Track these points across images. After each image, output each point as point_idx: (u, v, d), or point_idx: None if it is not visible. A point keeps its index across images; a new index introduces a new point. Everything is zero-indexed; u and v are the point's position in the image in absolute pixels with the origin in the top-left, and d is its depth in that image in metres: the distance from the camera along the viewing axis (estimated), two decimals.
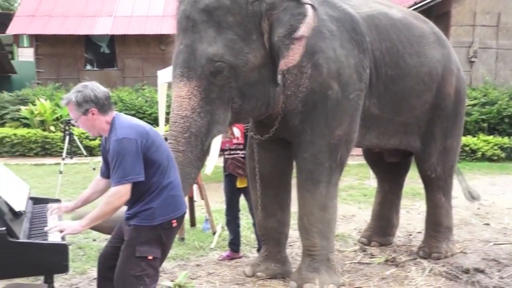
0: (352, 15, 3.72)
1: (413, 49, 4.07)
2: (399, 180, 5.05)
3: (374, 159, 5.04)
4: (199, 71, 3.17)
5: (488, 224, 5.92)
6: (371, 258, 4.60)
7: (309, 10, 3.18)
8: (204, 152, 3.26)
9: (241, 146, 4.40)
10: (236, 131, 4.40)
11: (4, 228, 2.30)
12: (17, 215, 2.60)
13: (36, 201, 3.30)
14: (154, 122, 11.86)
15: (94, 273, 4.03)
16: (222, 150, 4.58)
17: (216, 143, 4.32)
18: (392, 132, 4.20)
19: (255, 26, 3.23)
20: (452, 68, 4.42)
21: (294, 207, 4.08)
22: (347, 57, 3.60)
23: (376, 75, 3.84)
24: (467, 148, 11.07)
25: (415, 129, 4.35)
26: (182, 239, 5.00)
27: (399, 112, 4.11)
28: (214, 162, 5.97)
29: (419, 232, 5.40)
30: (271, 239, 4.04)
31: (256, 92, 3.34)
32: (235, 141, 4.43)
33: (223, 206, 4.91)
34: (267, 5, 3.19)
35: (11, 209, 2.58)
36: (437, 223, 4.62)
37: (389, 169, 4.97)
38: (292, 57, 3.20)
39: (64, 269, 2.40)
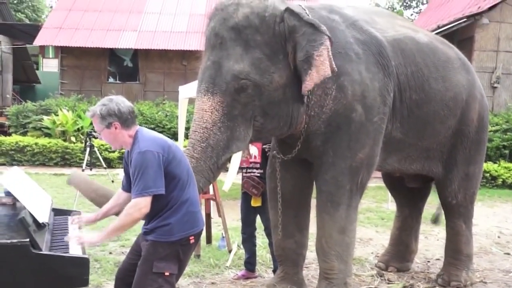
0: (379, 38, 3.72)
1: (438, 73, 4.04)
2: (419, 205, 4.99)
3: (394, 183, 4.99)
4: (224, 87, 3.19)
5: (508, 254, 5.79)
6: (389, 284, 4.53)
7: (327, 42, 3.17)
8: (218, 166, 3.24)
9: (258, 165, 4.39)
10: (254, 149, 4.41)
11: (27, 240, 2.32)
12: (40, 226, 2.63)
13: (57, 212, 3.33)
14: (173, 136, 11.93)
15: (109, 286, 4.06)
16: (240, 168, 4.60)
17: (236, 160, 4.31)
18: (414, 156, 4.17)
19: (282, 46, 3.25)
20: (476, 94, 4.39)
21: (311, 228, 4.05)
22: (372, 80, 3.58)
23: (400, 99, 3.82)
24: (487, 175, 10.90)
25: (438, 155, 4.31)
26: (198, 256, 4.99)
27: (422, 137, 4.08)
28: (232, 179, 5.97)
29: (438, 259, 5.32)
30: (288, 260, 4.01)
31: (279, 112, 3.34)
32: (251, 159, 4.43)
33: (240, 224, 4.89)
34: (290, 28, 3.22)
35: (34, 220, 2.61)
36: (457, 251, 4.55)
37: (409, 194, 4.92)
38: (308, 82, 3.21)
39: (84, 282, 2.40)
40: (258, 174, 4.36)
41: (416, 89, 3.87)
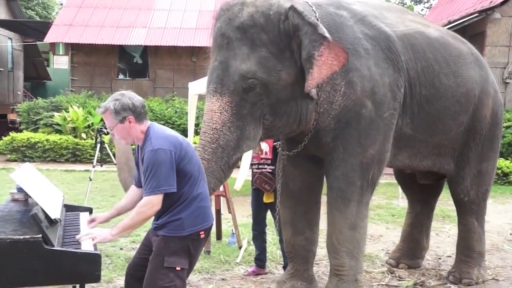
0: (388, 34, 3.68)
1: (449, 69, 3.98)
2: (431, 202, 4.96)
3: (406, 180, 4.95)
4: (232, 87, 3.19)
5: None
6: (399, 280, 4.51)
7: (327, 43, 3.11)
8: (229, 166, 3.24)
9: (269, 161, 4.39)
10: (265, 146, 4.40)
11: (40, 236, 2.34)
12: (52, 222, 2.65)
13: (68, 208, 3.35)
14: (183, 133, 11.93)
15: (120, 281, 4.08)
16: (251, 165, 4.59)
17: (247, 158, 4.29)
18: (425, 153, 4.12)
19: (288, 44, 3.24)
20: (489, 90, 4.33)
21: (321, 225, 4.04)
22: (382, 76, 3.55)
23: (410, 95, 3.79)
24: (499, 171, 10.77)
25: (449, 151, 4.26)
26: (208, 252, 5.00)
27: (433, 133, 4.03)
28: (243, 177, 5.95)
29: (449, 256, 5.29)
30: (298, 257, 4.00)
31: (288, 109, 3.33)
32: (263, 156, 4.43)
33: (250, 220, 4.89)
34: (294, 26, 3.20)
35: (47, 216, 2.63)
36: (469, 248, 4.51)
37: (421, 191, 4.88)
38: (310, 81, 3.19)
39: (96, 278, 2.42)
40: (270, 170, 4.36)
41: (426, 84, 3.83)
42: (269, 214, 4.59)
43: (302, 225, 3.95)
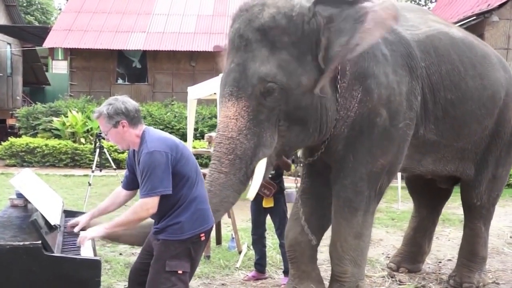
0: (408, 39, 3.56)
1: (475, 70, 3.85)
2: (438, 207, 4.89)
3: (417, 184, 4.84)
4: (249, 91, 3.05)
5: None
6: (400, 285, 4.50)
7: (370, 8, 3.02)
8: (247, 176, 3.13)
9: None
10: None
11: (39, 242, 2.33)
12: (52, 228, 2.64)
13: (68, 214, 3.34)
14: (182, 137, 11.94)
15: (120, 287, 4.07)
16: None
17: (261, 166, 4.13)
18: (449, 158, 4.02)
19: (311, 47, 3.12)
20: None
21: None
22: (399, 84, 3.42)
23: (433, 101, 3.66)
24: None
25: (472, 156, 4.15)
26: (208, 257, 4.99)
27: (458, 137, 3.92)
28: (257, 186, 5.90)
29: (449, 260, 5.28)
30: (304, 256, 3.83)
31: (307, 117, 3.20)
32: None
33: (249, 225, 4.88)
34: (325, 19, 3.08)
35: (46, 222, 2.62)
36: (473, 253, 4.45)
37: (431, 196, 4.80)
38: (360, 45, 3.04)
39: (96, 284, 2.40)
40: (270, 175, 4.33)
41: (451, 88, 3.71)
42: (268, 219, 4.58)
43: (315, 228, 3.80)
